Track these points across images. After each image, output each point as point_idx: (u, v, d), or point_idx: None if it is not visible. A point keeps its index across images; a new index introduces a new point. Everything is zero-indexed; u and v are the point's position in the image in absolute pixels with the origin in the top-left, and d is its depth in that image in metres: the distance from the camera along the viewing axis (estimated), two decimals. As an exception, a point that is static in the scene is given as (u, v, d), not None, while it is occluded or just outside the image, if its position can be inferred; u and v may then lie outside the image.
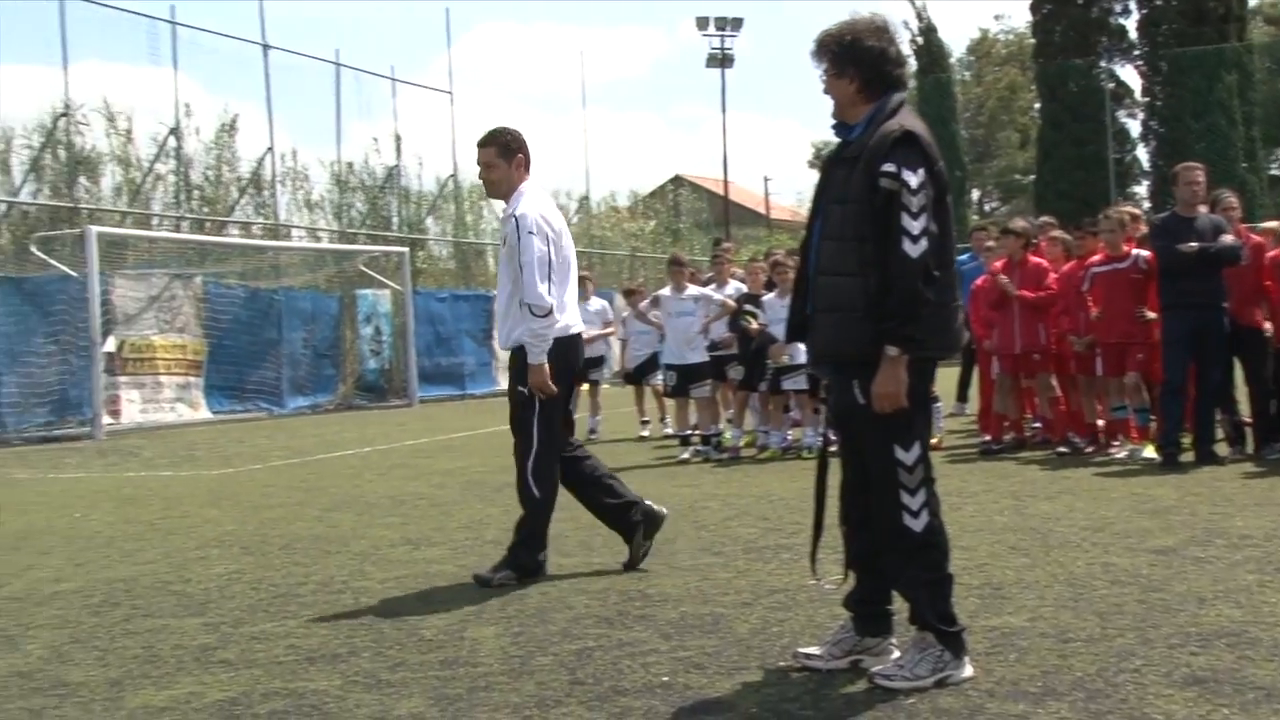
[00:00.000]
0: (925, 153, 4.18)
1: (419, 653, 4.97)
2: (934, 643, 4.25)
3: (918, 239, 4.08)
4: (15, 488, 11.49)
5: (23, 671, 4.88)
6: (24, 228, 19.82)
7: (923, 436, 4.33)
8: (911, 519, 4.24)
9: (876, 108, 4.31)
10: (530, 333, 6.15)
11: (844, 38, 4.31)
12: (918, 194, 4.10)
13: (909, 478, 4.25)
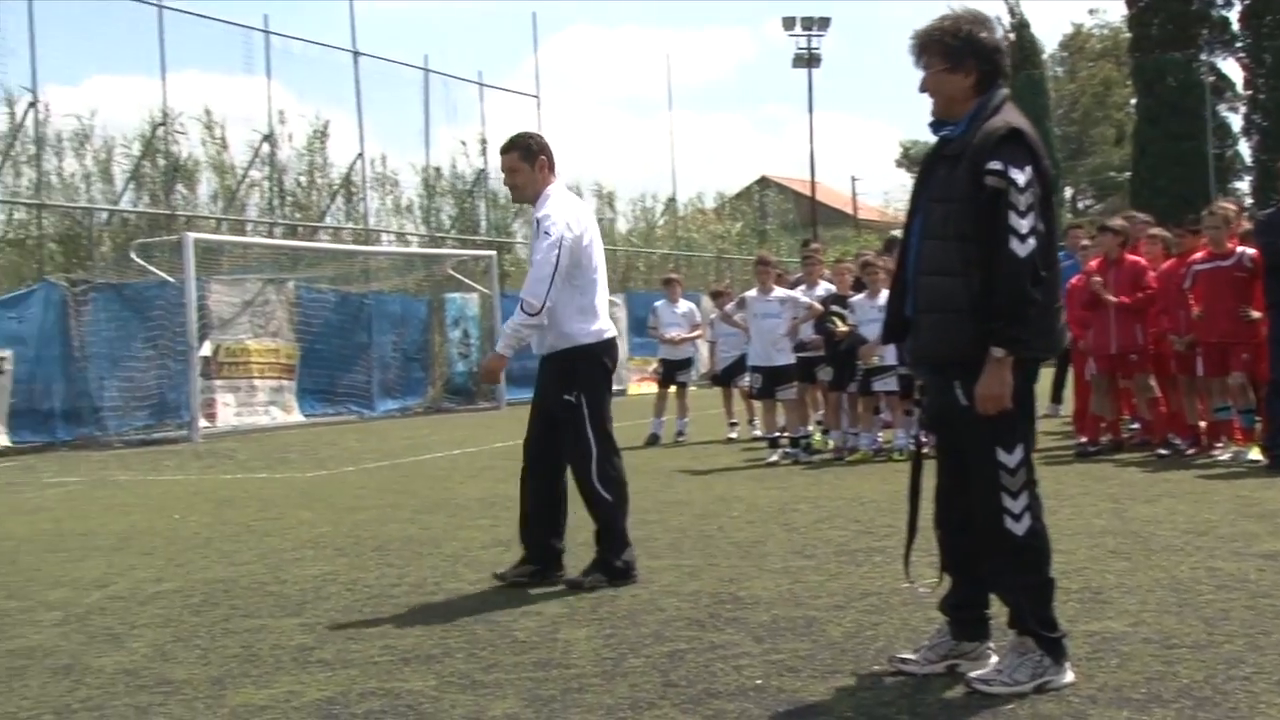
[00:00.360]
0: (1032, 150, 4.10)
1: (512, 654, 4.99)
2: (1034, 648, 4.17)
3: (1026, 238, 4.00)
4: (117, 489, 11.75)
5: (128, 669, 4.98)
6: (124, 235, 20.25)
7: (1026, 439, 4.24)
8: (1013, 522, 4.15)
9: (980, 104, 4.23)
10: (512, 326, 6.22)
11: (959, 30, 4.23)
12: (1025, 192, 4.02)
13: (1011, 480, 4.16)
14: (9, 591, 6.70)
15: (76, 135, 20.11)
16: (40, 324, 16.88)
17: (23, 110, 18.57)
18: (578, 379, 6.29)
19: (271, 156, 22.85)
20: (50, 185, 19.27)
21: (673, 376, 15.09)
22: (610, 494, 6.32)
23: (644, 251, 32.01)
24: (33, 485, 12.34)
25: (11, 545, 8.34)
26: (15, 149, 18.84)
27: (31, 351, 16.72)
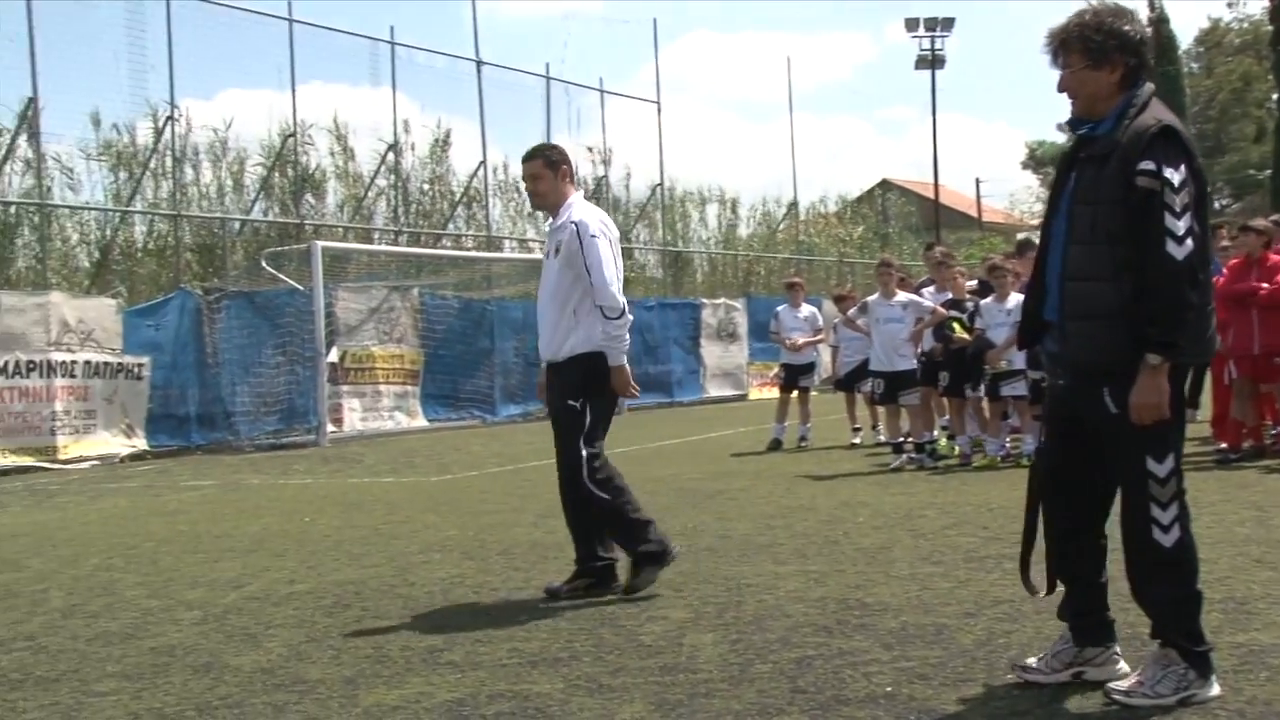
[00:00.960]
0: (1186, 148, 3.94)
1: (639, 658, 4.98)
2: (1178, 660, 4.03)
3: (1183, 240, 3.84)
4: (249, 492, 12.04)
5: (265, 668, 5.08)
6: (255, 244, 20.77)
7: (1177, 448, 4.08)
8: (1162, 533, 4.01)
9: (1126, 100, 4.06)
10: (606, 335, 6.14)
11: (1102, 25, 4.06)
12: (1180, 192, 3.86)
13: (1161, 491, 4.01)
14: (150, 591, 6.90)
15: (212, 147, 20.69)
16: (176, 331, 17.37)
17: (162, 124, 19.14)
18: (587, 385, 6.25)
19: (396, 165, 23.24)
20: (187, 196, 19.84)
21: (795, 381, 15.00)
22: (606, 492, 6.25)
23: (765, 256, 31.89)
24: (170, 488, 12.70)
25: (152, 546, 8.58)
26: (155, 162, 19.43)
27: (168, 358, 17.21)
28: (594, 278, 6.10)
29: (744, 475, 11.70)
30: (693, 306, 26.90)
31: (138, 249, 19.89)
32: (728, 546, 7.54)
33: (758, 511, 9.09)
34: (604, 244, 6.16)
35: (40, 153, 17.62)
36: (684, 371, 26.37)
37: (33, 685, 4.97)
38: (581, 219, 6.20)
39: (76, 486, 13.27)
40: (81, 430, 15.95)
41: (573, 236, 6.17)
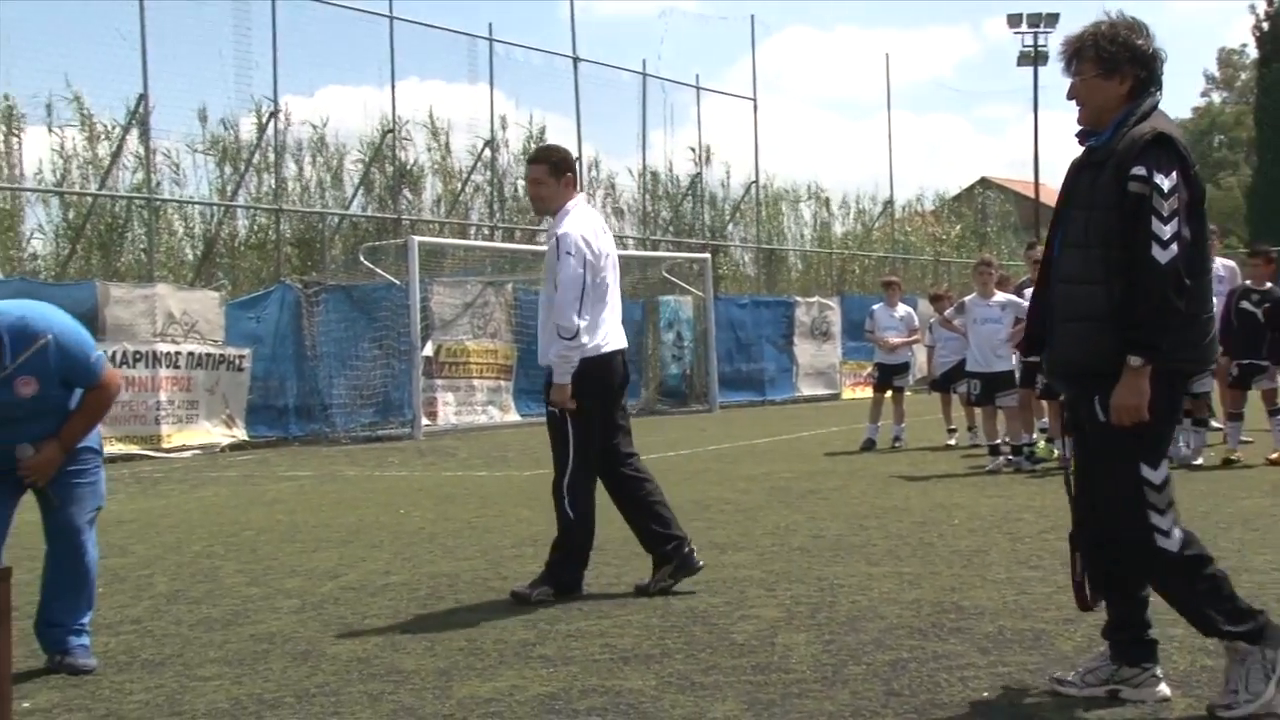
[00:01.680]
0: (1180, 155, 3.96)
1: (730, 657, 4.97)
2: (1248, 648, 3.95)
3: (1168, 244, 3.88)
4: (346, 484, 12.21)
5: (361, 657, 5.15)
6: (354, 238, 21.07)
7: (1166, 455, 4.07)
8: (1165, 539, 3.98)
9: (1128, 110, 4.10)
10: (556, 353, 6.16)
11: (1116, 36, 4.11)
12: (1169, 197, 3.90)
13: (1159, 497, 3.98)
14: (250, 578, 7.03)
15: (312, 143, 21.02)
16: (276, 324, 17.69)
17: (265, 120, 19.49)
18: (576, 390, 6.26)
19: (492, 161, 23.43)
20: (288, 191, 20.18)
21: (889, 381, 14.86)
22: (575, 512, 6.33)
23: (860, 255, 31.65)
24: (269, 478, 12.93)
25: (251, 535, 8.74)
26: (257, 157, 19.80)
27: (268, 350, 17.54)
28: (558, 295, 6.14)
29: (837, 475, 11.62)
30: (786, 305, 26.78)
31: (240, 242, 20.27)
32: (820, 546, 7.50)
33: (851, 512, 9.02)
34: (576, 262, 6.14)
35: (150, 148, 18.03)
36: (776, 370, 26.27)
37: (139, 668, 5.09)
38: (565, 232, 6.20)
39: (179, 475, 13.56)
40: (184, 420, 16.31)
41: (552, 249, 6.26)
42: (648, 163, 26.35)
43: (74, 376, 4.88)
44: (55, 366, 4.77)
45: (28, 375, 4.73)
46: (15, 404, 4.76)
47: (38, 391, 4.77)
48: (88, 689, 4.80)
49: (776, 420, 20.47)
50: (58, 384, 4.85)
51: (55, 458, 4.88)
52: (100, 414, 5.07)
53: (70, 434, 4.94)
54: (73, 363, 4.82)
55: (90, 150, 18.39)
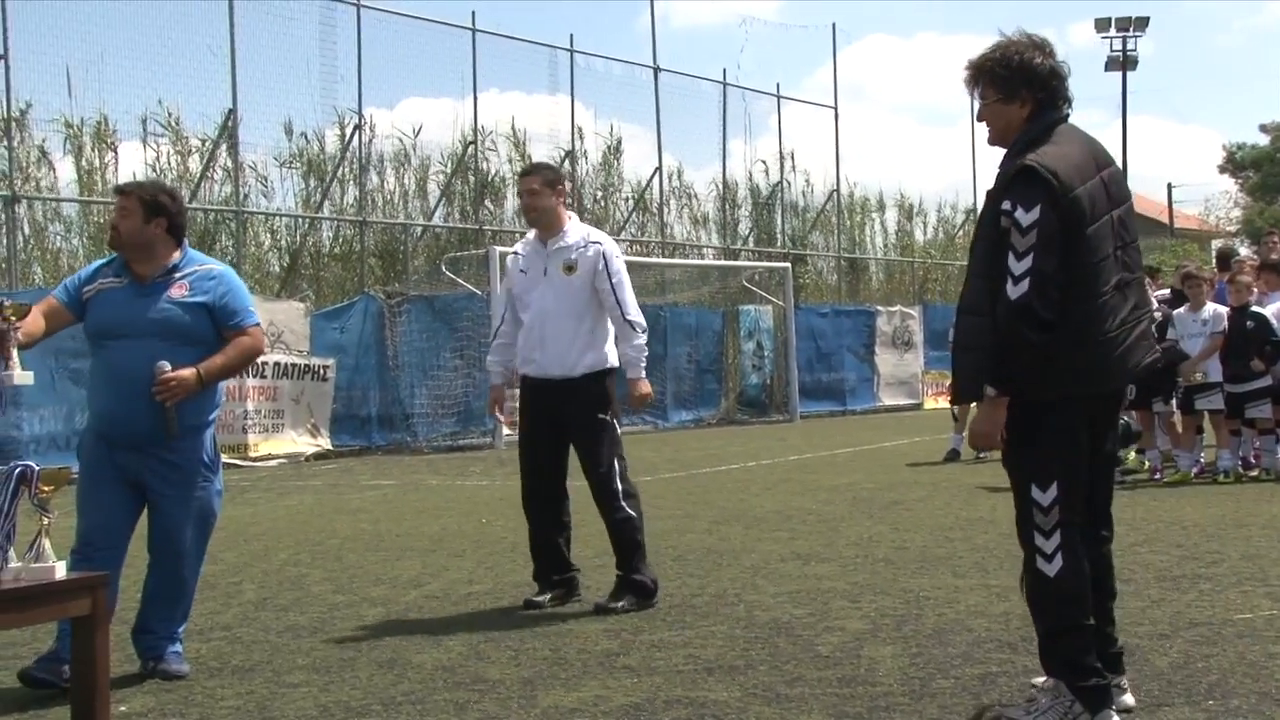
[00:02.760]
0: (1044, 186, 3.93)
1: (816, 669, 4.92)
2: (1065, 692, 4.05)
3: (1019, 280, 3.92)
4: (428, 493, 12.31)
5: (446, 665, 5.17)
6: (436, 249, 21.24)
7: (1063, 477, 4.03)
8: (1045, 562, 4.04)
9: (1023, 134, 4.11)
10: (636, 350, 6.42)
11: (1011, 60, 4.10)
12: (1027, 234, 3.93)
13: (1044, 519, 4.04)
14: (336, 586, 7.09)
15: (395, 155, 21.24)
16: (359, 334, 17.89)
17: (350, 132, 19.74)
18: (609, 399, 6.43)
19: (572, 172, 23.52)
20: (371, 203, 20.42)
21: None
22: (634, 510, 6.43)
23: (942, 263, 31.34)
24: (352, 487, 13.06)
25: (337, 543, 8.83)
26: (342, 170, 20.06)
27: (351, 360, 17.74)
28: (622, 295, 6.40)
29: (920, 485, 11.49)
30: (868, 314, 26.58)
31: (325, 254, 20.54)
32: (905, 558, 7.41)
33: (935, 523, 8.92)
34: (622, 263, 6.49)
35: (238, 161, 18.34)
36: (857, 379, 26.08)
37: (230, 674, 5.16)
38: (604, 239, 6.49)
39: (266, 483, 13.75)
40: (270, 429, 16.54)
41: (598, 255, 6.40)
42: (728, 172, 26.31)
43: (227, 313, 5.12)
44: (215, 294, 5.10)
45: (186, 283, 5.08)
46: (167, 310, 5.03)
47: (187, 296, 5.05)
48: (181, 694, 4.87)
49: (858, 430, 20.31)
50: (209, 314, 5.09)
51: (189, 379, 4.95)
52: (240, 359, 5.23)
53: (209, 366, 5.06)
54: (231, 299, 5.14)
55: (182, 164, 18.74)
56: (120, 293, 5.08)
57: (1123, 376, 4.18)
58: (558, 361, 6.35)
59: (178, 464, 5.07)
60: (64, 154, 17.49)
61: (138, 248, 5.11)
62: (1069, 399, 4.05)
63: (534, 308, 6.42)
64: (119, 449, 5.07)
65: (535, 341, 6.40)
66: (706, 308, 24.62)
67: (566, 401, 6.37)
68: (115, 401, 5.04)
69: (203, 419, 5.16)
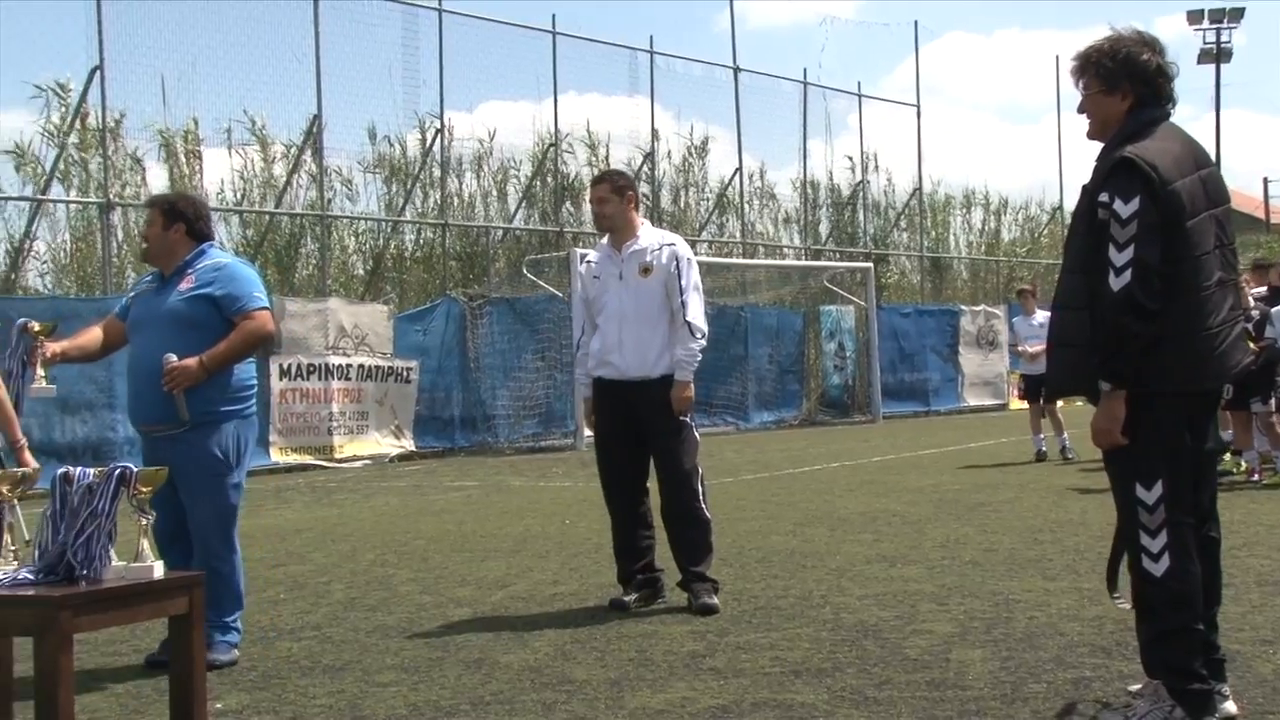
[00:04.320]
0: (1143, 178, 3.91)
1: (904, 672, 4.88)
2: (1165, 696, 3.97)
3: (1120, 271, 3.91)
4: (511, 494, 12.37)
5: (533, 666, 5.19)
6: (517, 251, 21.36)
7: (1168, 476, 3.98)
8: (1151, 562, 4.00)
9: (1121, 128, 4.07)
10: (690, 354, 6.37)
11: (1118, 53, 4.09)
12: (1127, 225, 3.91)
13: (1149, 518, 3.99)
14: (423, 587, 7.15)
15: (474, 158, 21.39)
16: (442, 336, 18.05)
17: (431, 136, 19.93)
18: None
19: (651, 173, 23.54)
20: (452, 206, 20.58)
21: (1036, 392, 14.45)
22: (710, 514, 6.48)
23: (1028, 262, 30.94)
24: (436, 488, 13.17)
25: (422, 544, 8.91)
26: (424, 173, 20.25)
27: (434, 362, 17.90)
28: (689, 299, 6.41)
29: (1008, 487, 11.35)
30: (951, 313, 26.32)
31: (407, 257, 20.74)
32: (993, 560, 7.32)
33: (1024, 525, 8.79)
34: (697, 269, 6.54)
35: (323, 166, 18.58)
36: (941, 380, 25.83)
37: (321, 673, 5.22)
38: (678, 241, 6.54)
39: (351, 485, 13.92)
40: (355, 431, 16.73)
41: (671, 258, 6.42)
42: (809, 171, 26.17)
43: (229, 300, 5.38)
44: (217, 284, 5.39)
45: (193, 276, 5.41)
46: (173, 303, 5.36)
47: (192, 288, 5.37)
48: (274, 692, 4.94)
49: (942, 431, 20.10)
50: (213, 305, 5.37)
51: (193, 368, 5.22)
52: (244, 343, 5.41)
53: (214, 353, 5.30)
54: (233, 287, 5.41)
55: (267, 170, 19.03)
56: (149, 294, 5.54)
57: (1222, 374, 4.11)
58: (636, 363, 6.36)
59: (193, 454, 5.25)
60: (157, 161, 17.85)
61: (163, 254, 5.52)
62: (1171, 394, 4.00)
63: (610, 311, 6.44)
64: (146, 439, 5.46)
65: (613, 344, 6.40)
66: (787, 308, 24.51)
67: (645, 403, 6.36)
68: (133, 388, 5.56)
69: (215, 410, 5.37)
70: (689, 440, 6.41)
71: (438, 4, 19.24)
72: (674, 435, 6.38)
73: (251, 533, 9.78)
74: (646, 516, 6.54)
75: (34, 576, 3.82)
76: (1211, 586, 4.14)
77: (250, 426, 5.54)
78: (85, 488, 3.83)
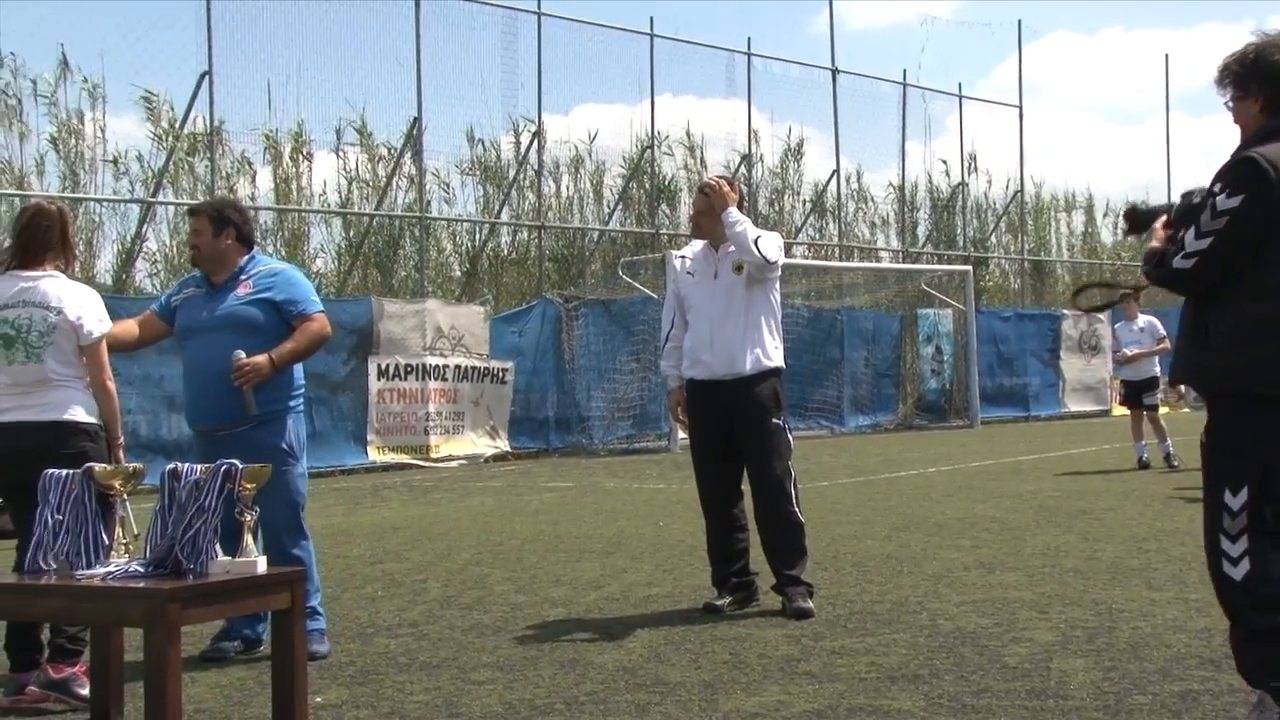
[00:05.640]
0: (1258, 179, 3.83)
1: (1003, 680, 4.81)
2: (1271, 705, 3.89)
3: (1189, 256, 3.95)
4: (605, 495, 12.42)
5: (627, 667, 5.21)
6: (612, 253, 21.45)
7: (1250, 483, 3.94)
8: (1231, 566, 3.96)
9: (1255, 131, 3.97)
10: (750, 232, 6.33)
11: (1247, 56, 4.03)
12: (1218, 218, 3.88)
13: (1231, 523, 3.97)
14: (518, 586, 7.21)
15: (571, 161, 21.52)
16: (537, 338, 18.17)
17: (527, 140, 20.09)
18: (781, 401, 6.41)
19: (748, 176, 23.49)
20: (548, 208, 20.72)
21: (1137, 398, 14.13)
22: (804, 517, 6.46)
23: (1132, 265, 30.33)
24: (531, 489, 13.26)
25: (517, 544, 8.98)
26: (521, 175, 20.41)
27: (529, 363, 18.03)
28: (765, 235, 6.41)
29: (1110, 494, 11.13)
30: (1052, 318, 25.90)
31: (503, 258, 20.92)
32: (1095, 569, 7.18)
33: (1127, 533, 8.62)
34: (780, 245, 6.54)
35: (422, 168, 18.82)
36: (1041, 385, 25.44)
37: (418, 669, 5.28)
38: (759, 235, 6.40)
39: (447, 484, 14.07)
40: (451, 431, 16.91)
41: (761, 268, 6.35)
42: (908, 173, 25.93)
43: (290, 304, 5.60)
44: (277, 289, 5.60)
45: (251, 282, 5.60)
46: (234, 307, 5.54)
47: (251, 293, 5.56)
48: (372, 688, 5.01)
49: (1042, 437, 19.79)
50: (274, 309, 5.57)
51: (262, 364, 5.42)
52: (309, 343, 5.64)
53: (280, 351, 5.49)
54: (293, 291, 5.64)
55: (371, 172, 19.33)
56: (199, 299, 5.66)
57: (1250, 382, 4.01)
58: (726, 362, 6.33)
59: (258, 449, 5.28)
60: (263, 164, 18.22)
61: (213, 259, 5.65)
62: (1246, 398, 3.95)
63: (702, 309, 6.42)
64: (207, 440, 5.55)
65: (704, 342, 6.38)
66: (884, 311, 24.30)
67: (737, 402, 6.34)
68: (195, 390, 5.64)
69: (282, 404, 5.59)
70: (782, 443, 6.38)
71: (537, 7, 19.39)
72: (767, 438, 6.35)
73: (349, 530, 9.95)
74: (741, 519, 6.52)
75: (144, 570, 3.92)
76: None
77: (303, 421, 5.77)
78: (192, 484, 3.92)
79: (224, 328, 5.50)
